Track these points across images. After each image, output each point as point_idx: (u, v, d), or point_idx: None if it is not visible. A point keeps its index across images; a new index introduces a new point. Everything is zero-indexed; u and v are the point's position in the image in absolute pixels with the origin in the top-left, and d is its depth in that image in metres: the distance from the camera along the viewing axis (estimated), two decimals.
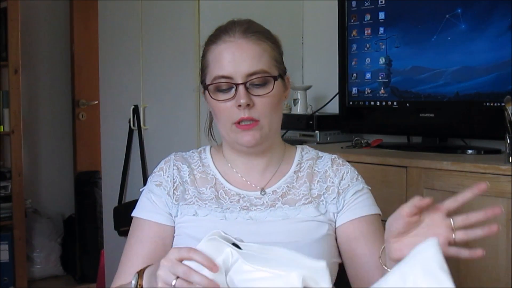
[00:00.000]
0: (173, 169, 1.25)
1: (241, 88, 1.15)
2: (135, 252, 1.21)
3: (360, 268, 1.20)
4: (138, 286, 1.02)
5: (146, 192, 1.26)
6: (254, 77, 1.16)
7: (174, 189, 1.23)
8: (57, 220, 3.89)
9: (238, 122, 1.17)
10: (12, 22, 3.31)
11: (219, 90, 1.18)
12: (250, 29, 1.19)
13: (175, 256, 0.91)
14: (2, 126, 3.37)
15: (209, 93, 1.19)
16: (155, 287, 0.94)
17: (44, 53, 3.90)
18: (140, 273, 1.04)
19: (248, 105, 1.15)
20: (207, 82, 1.20)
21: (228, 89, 1.17)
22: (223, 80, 1.16)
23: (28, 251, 3.56)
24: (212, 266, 0.88)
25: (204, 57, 1.23)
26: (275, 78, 1.18)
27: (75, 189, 3.89)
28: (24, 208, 3.47)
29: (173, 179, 1.24)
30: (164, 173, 1.26)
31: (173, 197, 1.23)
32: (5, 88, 3.43)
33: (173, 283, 0.90)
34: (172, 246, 1.22)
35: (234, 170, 1.26)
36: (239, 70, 1.15)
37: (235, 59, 1.16)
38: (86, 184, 3.81)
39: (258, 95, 1.16)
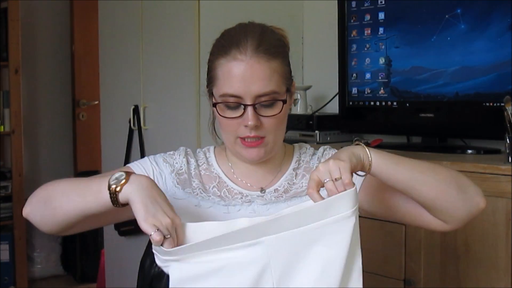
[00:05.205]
0: (183, 158, 1.27)
1: (249, 109, 1.15)
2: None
3: (404, 204, 1.19)
4: (114, 187, 1.04)
5: (150, 158, 1.26)
6: (263, 98, 1.16)
7: (178, 173, 1.24)
8: None
9: (243, 138, 1.18)
10: (12, 22, 3.31)
11: (227, 107, 1.18)
12: (262, 44, 1.16)
13: (175, 217, 1.01)
14: (2, 126, 3.37)
15: (216, 109, 1.19)
16: (131, 200, 1.01)
17: (45, 53, 3.90)
18: (128, 174, 1.04)
19: (256, 126, 1.16)
20: (215, 95, 1.20)
21: (237, 108, 1.17)
22: (232, 99, 1.16)
23: (28, 251, 3.56)
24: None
25: (212, 66, 1.20)
26: (284, 101, 1.19)
27: None
28: None
29: (181, 166, 1.26)
30: (175, 156, 1.27)
31: (176, 178, 1.24)
32: (5, 88, 3.43)
33: (155, 224, 0.98)
34: None
35: (232, 171, 1.27)
36: (249, 90, 1.14)
37: (245, 79, 1.14)
38: None
39: (266, 116, 1.17)
